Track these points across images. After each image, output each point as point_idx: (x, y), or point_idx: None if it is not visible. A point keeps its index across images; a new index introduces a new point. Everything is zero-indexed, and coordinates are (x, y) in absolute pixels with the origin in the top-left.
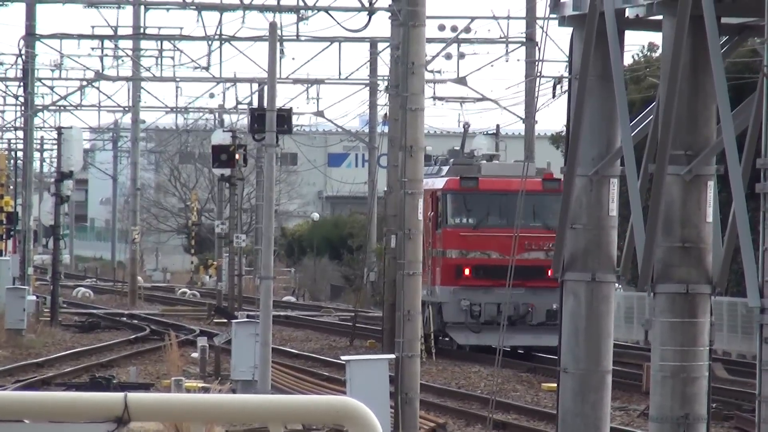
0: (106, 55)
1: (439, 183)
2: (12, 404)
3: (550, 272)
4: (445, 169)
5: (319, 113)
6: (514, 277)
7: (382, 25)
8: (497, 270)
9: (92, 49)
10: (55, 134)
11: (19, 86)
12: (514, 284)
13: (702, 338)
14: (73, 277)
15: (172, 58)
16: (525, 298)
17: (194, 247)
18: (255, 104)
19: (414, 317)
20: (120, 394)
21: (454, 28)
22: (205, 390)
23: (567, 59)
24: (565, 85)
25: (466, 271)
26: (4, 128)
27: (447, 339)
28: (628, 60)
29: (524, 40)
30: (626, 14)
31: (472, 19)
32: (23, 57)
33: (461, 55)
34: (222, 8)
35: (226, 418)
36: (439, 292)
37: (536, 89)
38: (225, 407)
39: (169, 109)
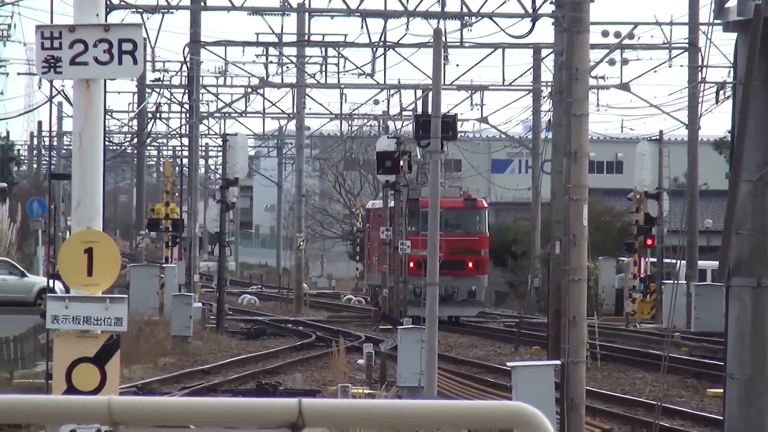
0: (271, 62)
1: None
2: (186, 410)
3: (470, 264)
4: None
5: (483, 119)
6: (444, 268)
7: (545, 31)
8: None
9: (257, 56)
10: (219, 141)
11: (184, 93)
12: (444, 273)
13: None
14: (239, 284)
15: (337, 64)
16: (452, 283)
17: (359, 253)
18: (419, 110)
19: (579, 323)
20: (294, 400)
21: (617, 34)
22: (371, 396)
23: (730, 64)
24: (729, 90)
25: (412, 264)
26: (170, 135)
27: None
28: None
29: (687, 45)
30: None
31: (636, 24)
32: (188, 64)
33: (624, 61)
34: (386, 15)
35: (401, 423)
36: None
37: (700, 95)
38: (399, 413)
39: (333, 116)
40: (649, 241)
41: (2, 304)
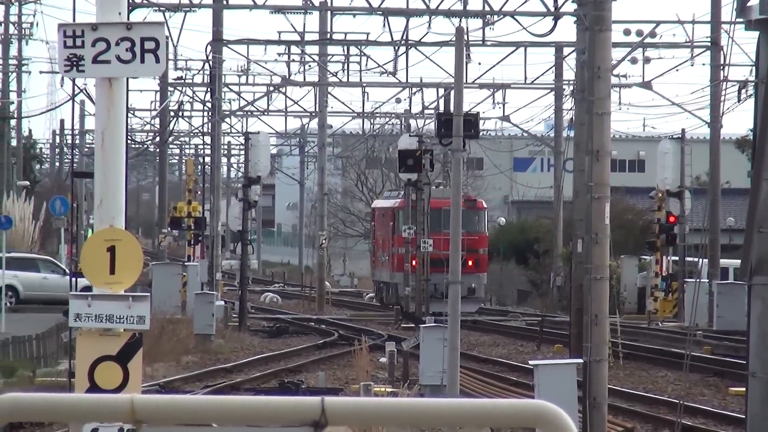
0: (293, 61)
1: (395, 203)
2: (209, 408)
3: (470, 262)
4: (401, 193)
5: (505, 118)
6: (443, 265)
7: (567, 30)
8: (433, 261)
9: (279, 54)
10: (242, 139)
11: (207, 92)
12: (443, 270)
13: None
14: (261, 282)
15: (359, 63)
16: None
17: None
18: (441, 109)
19: (602, 321)
20: (317, 398)
21: (639, 33)
22: (394, 395)
23: (752, 63)
24: (751, 88)
25: (413, 262)
26: (192, 134)
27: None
28: None
29: (709, 44)
30: None
31: (658, 23)
32: (210, 62)
33: (646, 60)
34: (408, 13)
35: (423, 422)
36: (396, 276)
37: (722, 93)
38: (421, 411)
39: (355, 114)
40: (672, 219)
41: (44, 302)
